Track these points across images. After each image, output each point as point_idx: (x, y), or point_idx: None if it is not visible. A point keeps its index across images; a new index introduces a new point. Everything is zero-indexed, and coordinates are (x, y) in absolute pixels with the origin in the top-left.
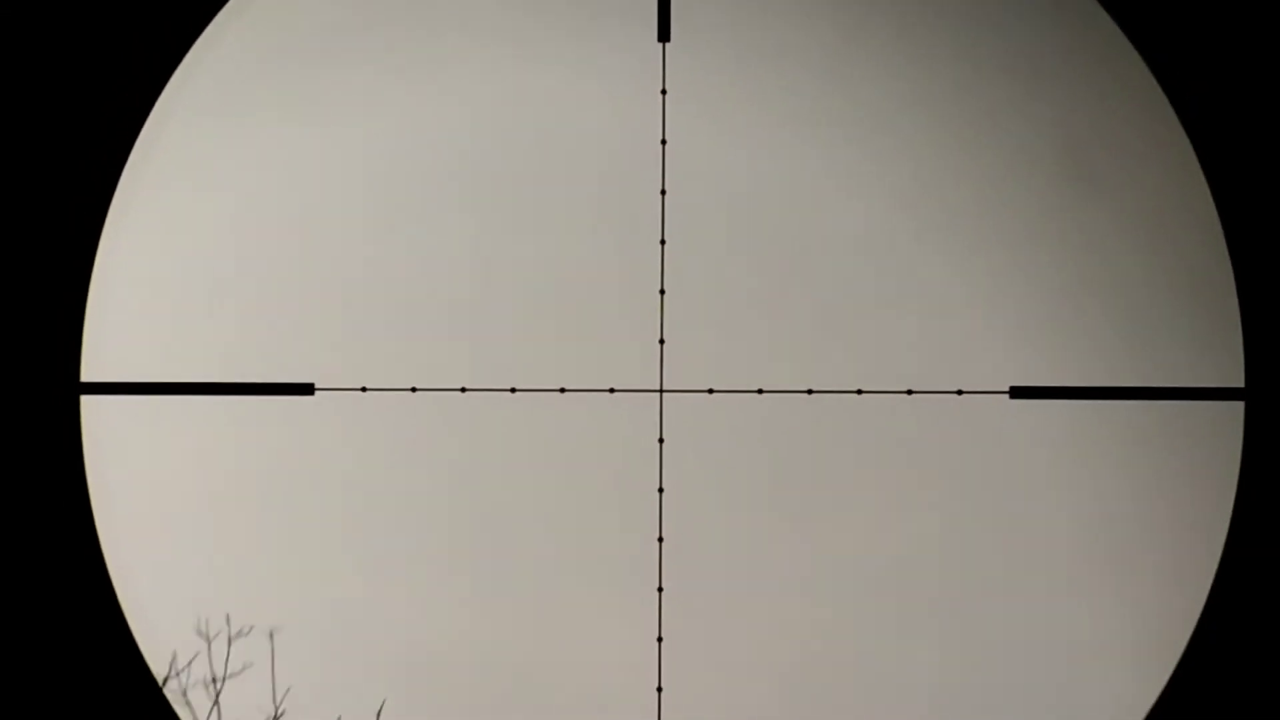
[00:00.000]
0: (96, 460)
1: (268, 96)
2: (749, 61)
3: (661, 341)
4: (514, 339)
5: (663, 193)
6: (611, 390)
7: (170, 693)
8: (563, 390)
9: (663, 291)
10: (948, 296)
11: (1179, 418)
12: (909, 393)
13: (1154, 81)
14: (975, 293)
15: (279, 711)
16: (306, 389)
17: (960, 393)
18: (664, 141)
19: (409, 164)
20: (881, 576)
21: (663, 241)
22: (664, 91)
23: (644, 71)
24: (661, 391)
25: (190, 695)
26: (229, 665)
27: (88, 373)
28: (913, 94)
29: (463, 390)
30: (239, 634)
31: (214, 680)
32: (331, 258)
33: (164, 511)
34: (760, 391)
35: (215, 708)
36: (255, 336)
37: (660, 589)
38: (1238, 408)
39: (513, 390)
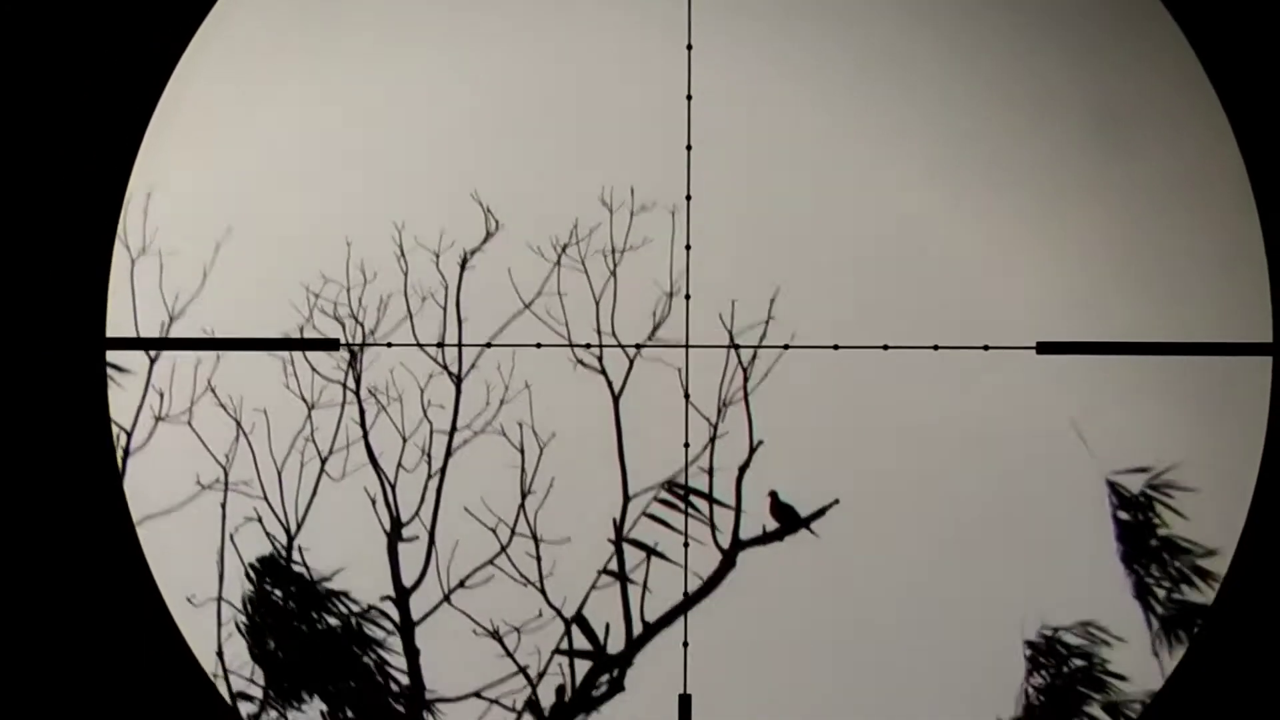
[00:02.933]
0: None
1: (292, 51)
2: (777, 16)
3: (688, 297)
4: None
5: (688, 148)
6: (638, 346)
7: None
8: (588, 346)
9: (688, 247)
10: (975, 251)
11: (1206, 373)
12: (935, 348)
13: (1183, 38)
14: (1002, 248)
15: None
16: (332, 344)
17: (986, 348)
18: (689, 97)
19: (431, 113)
20: (905, 531)
21: (688, 197)
22: (690, 46)
23: (670, 27)
24: (688, 347)
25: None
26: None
27: (113, 328)
28: (944, 51)
29: (488, 346)
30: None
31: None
32: (355, 208)
33: (188, 463)
34: (786, 347)
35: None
36: (279, 292)
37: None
38: (1266, 363)
39: (538, 346)
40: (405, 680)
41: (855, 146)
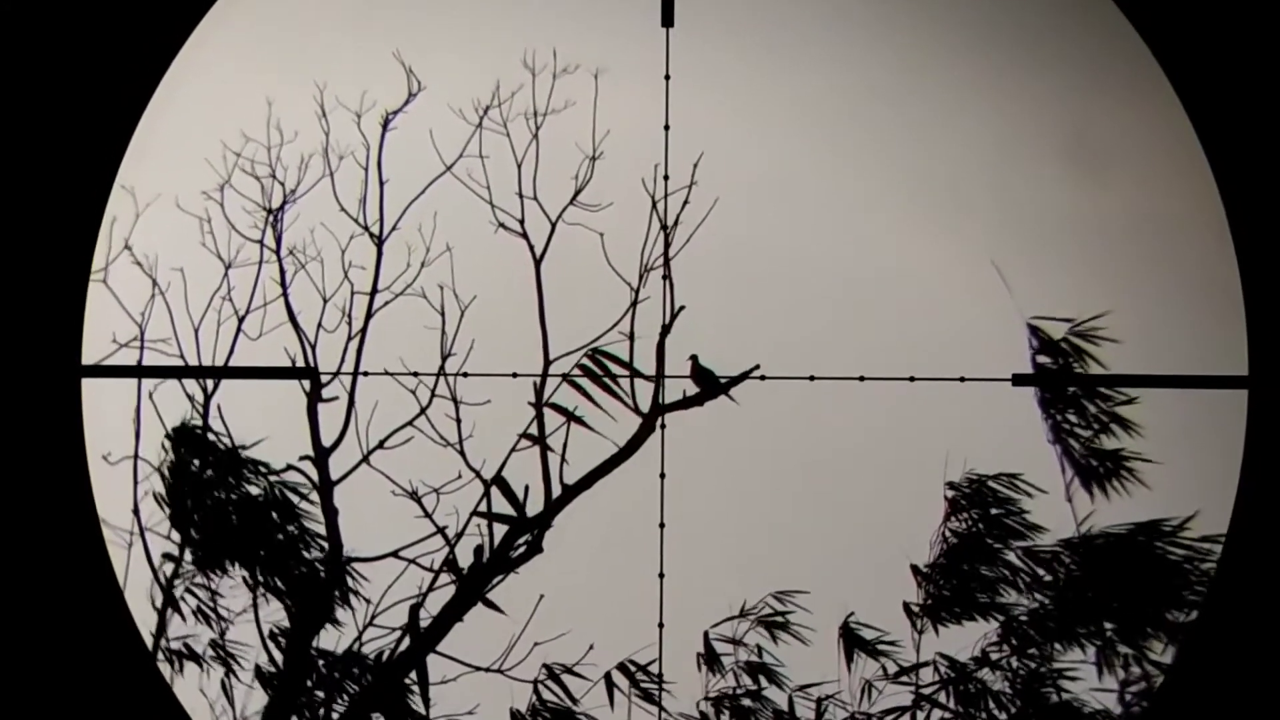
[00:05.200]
0: (97, 443)
1: (262, 84)
2: (753, 47)
3: (665, 328)
4: (519, 330)
5: (665, 178)
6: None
7: None
8: (565, 378)
9: (666, 276)
10: (951, 283)
11: (1182, 405)
12: (911, 379)
13: (1160, 71)
14: (979, 279)
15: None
16: (310, 373)
17: (963, 379)
18: (667, 127)
19: (400, 149)
20: (886, 565)
21: (664, 227)
22: (667, 77)
23: (647, 57)
24: (662, 377)
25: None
26: None
27: (89, 355)
28: (919, 82)
29: (464, 375)
30: None
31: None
32: (331, 242)
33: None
34: (764, 378)
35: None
36: (255, 321)
37: (661, 574)
38: (1241, 396)
39: (514, 375)
40: (323, 542)
41: (828, 176)
